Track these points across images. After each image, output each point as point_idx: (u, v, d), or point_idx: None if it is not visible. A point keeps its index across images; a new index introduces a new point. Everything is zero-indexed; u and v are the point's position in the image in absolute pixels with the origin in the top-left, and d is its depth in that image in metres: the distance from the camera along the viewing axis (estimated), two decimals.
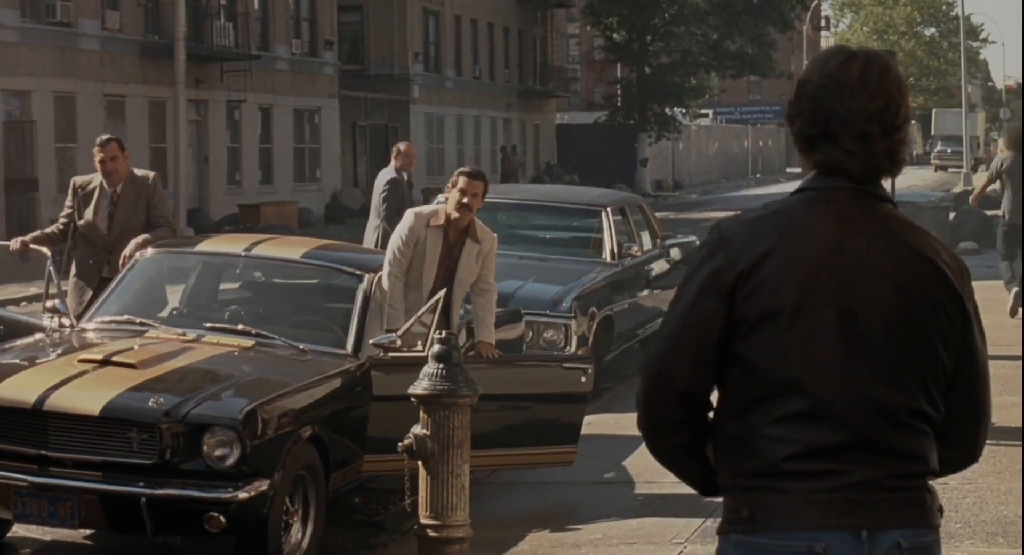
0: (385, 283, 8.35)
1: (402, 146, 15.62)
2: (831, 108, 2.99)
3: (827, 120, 2.99)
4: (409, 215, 8.73)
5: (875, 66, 3.02)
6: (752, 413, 2.92)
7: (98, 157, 9.89)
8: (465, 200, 8.54)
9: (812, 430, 2.87)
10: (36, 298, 18.62)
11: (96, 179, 9.98)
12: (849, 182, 3.01)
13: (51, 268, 9.57)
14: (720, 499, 3.03)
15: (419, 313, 7.94)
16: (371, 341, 7.95)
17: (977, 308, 3.08)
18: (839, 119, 2.98)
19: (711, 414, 3.02)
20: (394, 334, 7.91)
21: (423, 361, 6.90)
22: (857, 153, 2.98)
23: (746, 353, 2.92)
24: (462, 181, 8.61)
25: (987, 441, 3.11)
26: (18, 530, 7.72)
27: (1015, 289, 16.50)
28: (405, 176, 15.16)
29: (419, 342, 7.80)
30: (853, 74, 2.99)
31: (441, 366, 6.76)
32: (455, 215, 8.54)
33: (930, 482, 2.97)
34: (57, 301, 8.74)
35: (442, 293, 8.13)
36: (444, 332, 6.97)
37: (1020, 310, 16.00)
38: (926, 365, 2.96)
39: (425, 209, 8.93)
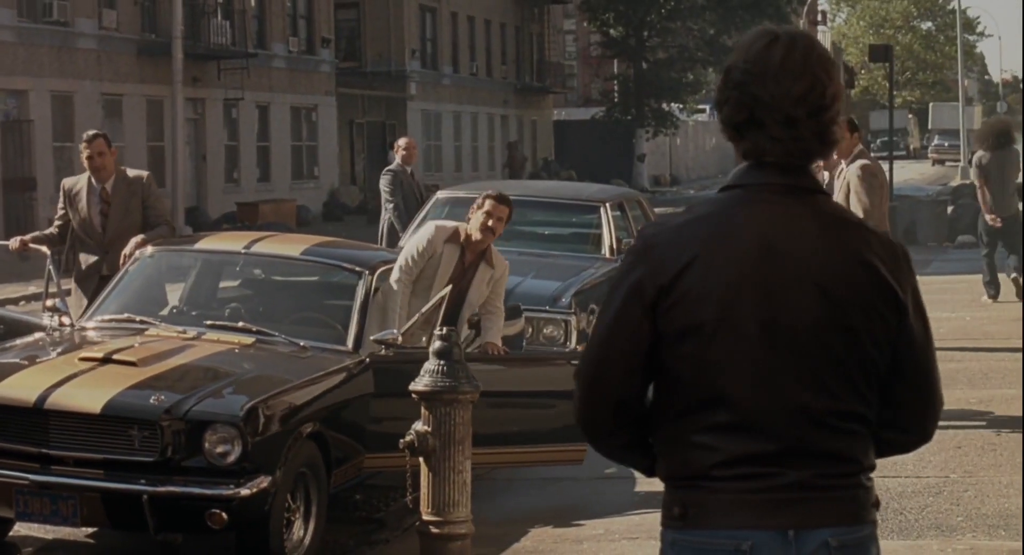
0: (393, 286, 8.35)
1: (401, 141, 15.60)
2: (756, 94, 2.93)
3: (752, 106, 2.93)
4: (430, 227, 8.71)
5: (798, 47, 2.94)
6: (681, 421, 2.91)
7: (85, 153, 9.91)
8: (490, 223, 8.54)
9: (739, 440, 2.86)
10: (35, 297, 18.63)
11: (83, 179, 9.99)
12: (778, 176, 2.95)
13: (51, 267, 9.57)
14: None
15: (424, 309, 7.94)
16: (372, 337, 7.95)
17: (917, 293, 3.00)
18: (764, 105, 2.92)
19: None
20: (395, 330, 7.92)
21: (423, 357, 6.90)
22: (784, 139, 2.92)
23: (672, 365, 2.91)
24: (488, 204, 8.58)
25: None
26: (20, 529, 7.73)
27: (1014, 275, 16.67)
28: (408, 169, 15.14)
29: (422, 339, 7.81)
30: (776, 57, 2.93)
31: (442, 362, 6.76)
32: (477, 236, 8.53)
33: (866, 478, 2.95)
34: (57, 300, 8.74)
35: (446, 290, 8.13)
36: (445, 328, 6.97)
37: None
38: (856, 368, 2.91)
39: (448, 224, 8.89)
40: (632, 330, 2.92)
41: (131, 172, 10.05)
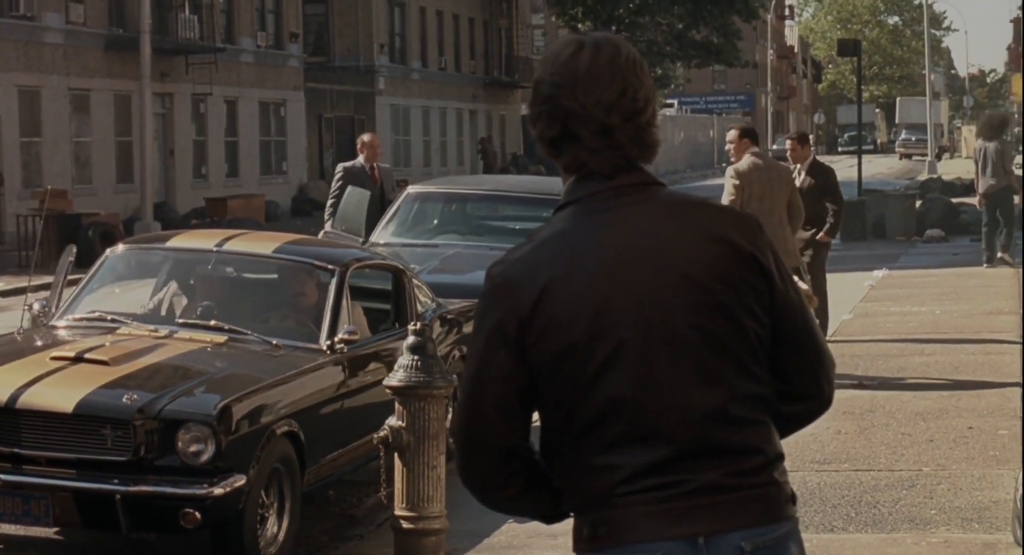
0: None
1: (365, 137, 15.39)
2: (566, 106, 2.85)
3: (565, 119, 2.86)
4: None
5: (604, 53, 2.86)
6: (575, 447, 2.83)
7: None
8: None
9: (638, 451, 2.79)
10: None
11: None
12: (606, 181, 2.88)
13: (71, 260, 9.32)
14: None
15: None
16: (337, 336, 7.97)
17: (778, 258, 2.94)
18: (576, 116, 2.84)
19: (537, 452, 2.94)
20: (354, 327, 7.99)
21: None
22: (601, 149, 2.85)
23: (553, 393, 2.82)
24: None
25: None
26: None
27: (999, 255, 19.55)
28: (369, 166, 14.94)
29: None
30: (582, 66, 2.85)
31: (416, 358, 6.75)
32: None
33: (778, 473, 2.88)
34: (35, 302, 8.63)
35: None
36: (419, 324, 6.97)
37: (1006, 258, 19.23)
38: (741, 347, 2.84)
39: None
40: (502, 373, 2.83)
41: None
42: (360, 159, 14.95)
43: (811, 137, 13.53)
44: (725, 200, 11.48)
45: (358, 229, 13.48)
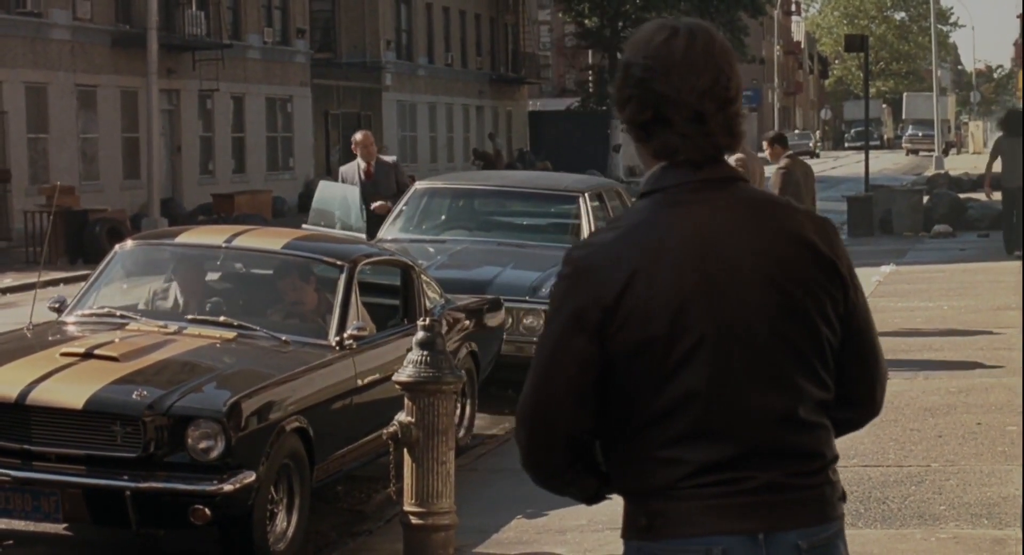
0: None
1: (357, 136, 14.94)
2: (660, 91, 2.83)
3: (658, 104, 2.84)
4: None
5: (699, 39, 2.86)
6: (641, 438, 2.83)
7: None
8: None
9: (704, 448, 2.80)
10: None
11: None
12: (694, 173, 2.87)
13: None
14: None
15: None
16: (346, 332, 7.97)
17: (851, 264, 2.95)
18: (670, 101, 2.83)
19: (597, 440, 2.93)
20: (363, 323, 7.98)
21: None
22: (693, 135, 2.84)
23: (627, 385, 2.81)
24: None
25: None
26: None
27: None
28: (365, 165, 14.64)
29: None
30: (678, 51, 2.84)
31: (425, 353, 6.75)
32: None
33: (832, 472, 2.91)
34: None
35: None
36: (428, 319, 6.97)
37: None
38: (812, 352, 2.86)
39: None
40: (580, 359, 2.81)
41: None
42: (357, 159, 14.78)
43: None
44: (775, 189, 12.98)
45: (356, 225, 13.45)
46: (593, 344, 2.80)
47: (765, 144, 14.32)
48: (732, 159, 12.40)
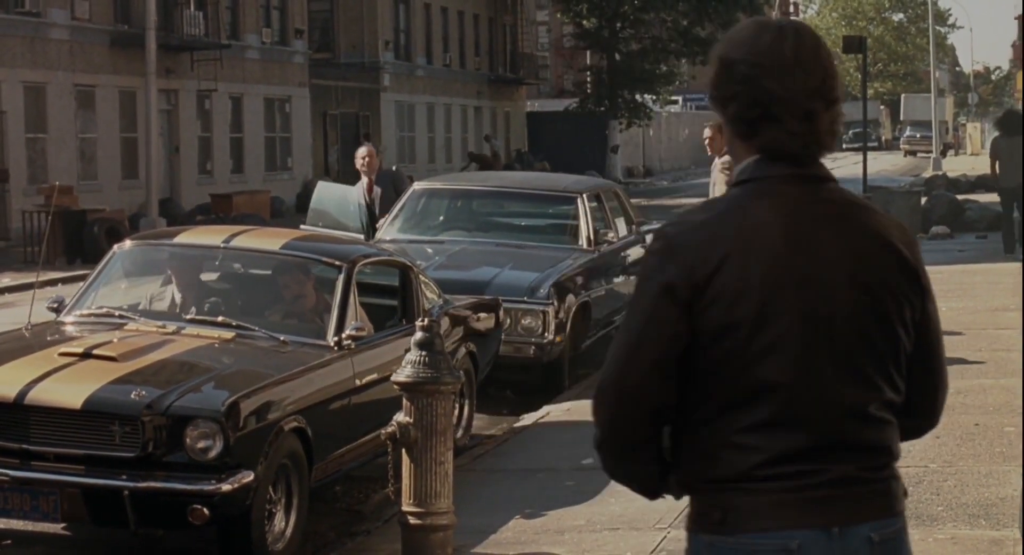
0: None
1: (360, 150, 14.52)
2: (770, 88, 2.87)
3: (768, 102, 2.88)
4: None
5: (807, 40, 2.92)
6: (717, 423, 2.85)
7: None
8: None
9: (781, 437, 2.82)
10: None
11: None
12: (793, 167, 2.91)
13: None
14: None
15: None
16: (344, 332, 7.97)
17: (927, 275, 3.01)
18: (781, 100, 2.87)
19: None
20: (361, 323, 8.00)
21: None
22: (802, 133, 2.89)
23: (708, 365, 2.84)
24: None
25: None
26: None
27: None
28: (365, 181, 14.36)
29: None
30: (788, 51, 2.89)
31: (424, 353, 6.76)
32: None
33: (896, 468, 2.96)
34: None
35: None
36: (427, 320, 6.98)
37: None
38: (889, 353, 2.92)
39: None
40: (668, 332, 2.83)
41: None
42: (362, 177, 14.40)
43: None
44: (718, 193, 12.04)
45: (353, 224, 13.43)
46: (682, 319, 2.82)
47: (707, 130, 12.68)
48: (721, 161, 12.30)
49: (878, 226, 2.94)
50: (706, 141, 12.61)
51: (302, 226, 13.13)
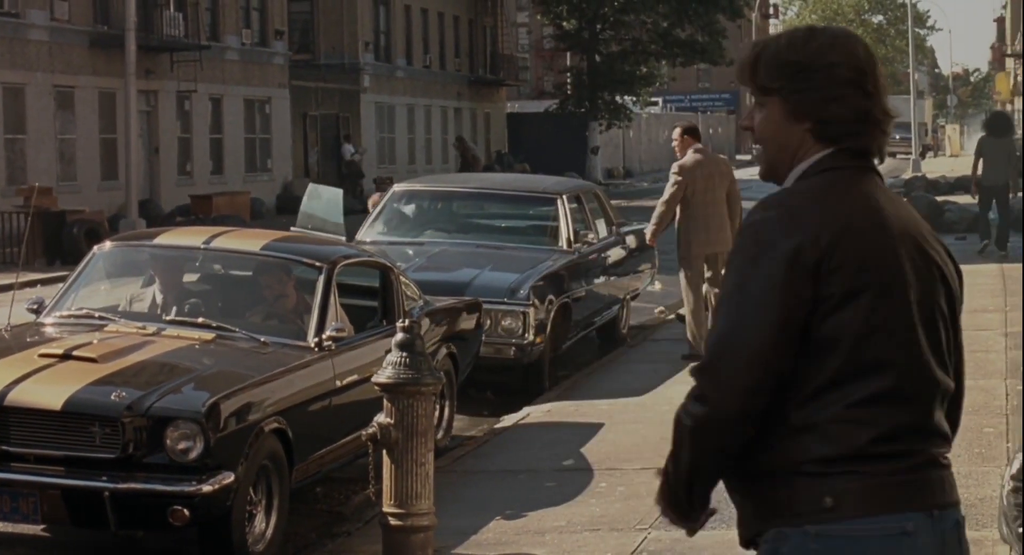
0: None
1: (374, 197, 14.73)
2: (870, 93, 2.98)
3: (868, 105, 2.97)
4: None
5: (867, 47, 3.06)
6: (825, 396, 2.80)
7: None
8: None
9: (890, 412, 2.81)
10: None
11: None
12: (866, 161, 3.01)
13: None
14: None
15: None
16: (325, 334, 7.97)
17: None
18: (875, 103, 2.98)
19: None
20: (342, 324, 8.00)
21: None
22: (886, 131, 3.02)
23: (829, 332, 2.80)
24: None
25: None
26: None
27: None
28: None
29: None
30: (869, 56, 3.01)
31: (404, 354, 6.76)
32: None
33: None
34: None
35: None
36: (407, 321, 6.98)
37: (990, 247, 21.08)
38: (949, 349, 2.98)
39: None
40: (793, 296, 2.78)
41: None
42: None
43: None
44: (667, 193, 12.65)
45: (333, 228, 13.45)
46: (808, 285, 2.79)
47: (676, 133, 12.98)
48: (690, 158, 12.56)
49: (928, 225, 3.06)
50: (675, 143, 13.01)
51: (292, 228, 13.14)
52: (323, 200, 13.78)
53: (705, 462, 2.86)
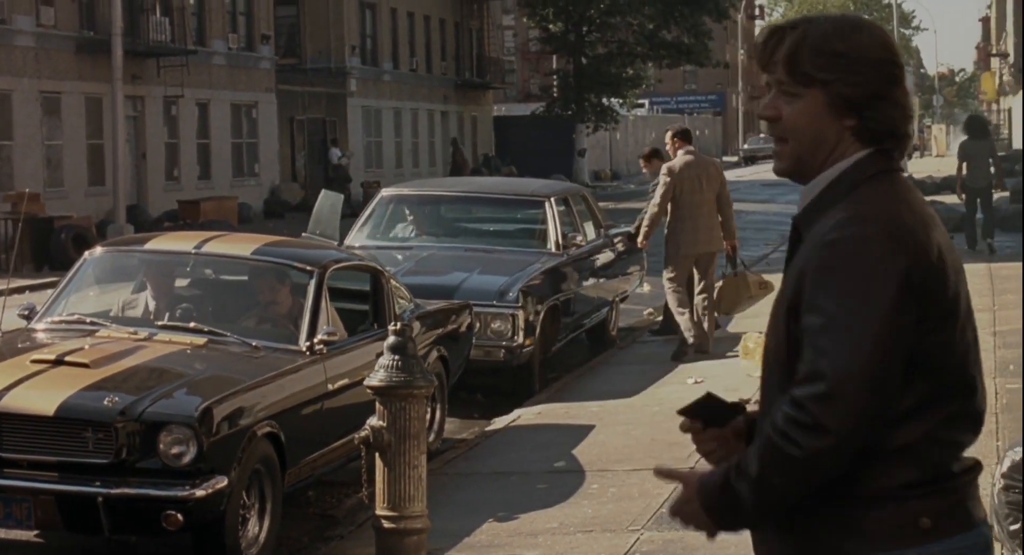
0: None
1: None
2: (906, 93, 2.89)
3: (908, 103, 2.89)
4: None
5: None
6: (914, 418, 2.71)
7: None
8: None
9: (969, 430, 2.79)
10: None
11: None
12: (896, 160, 2.87)
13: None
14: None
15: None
16: (316, 338, 7.99)
17: None
18: (908, 100, 2.91)
19: None
20: (333, 328, 8.02)
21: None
22: (910, 139, 2.92)
23: (925, 354, 2.70)
24: None
25: None
26: None
27: (988, 240, 21.91)
28: None
29: None
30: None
31: (396, 357, 6.79)
32: None
33: None
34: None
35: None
36: (399, 324, 7.01)
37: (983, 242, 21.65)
38: None
39: None
40: (907, 319, 2.66)
41: None
42: None
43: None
44: (657, 195, 12.84)
45: (332, 233, 13.52)
46: (914, 306, 2.68)
47: (668, 136, 13.25)
48: (679, 160, 12.74)
49: None
50: (668, 146, 13.23)
51: (303, 234, 13.18)
52: (327, 206, 13.86)
53: (802, 491, 2.70)
